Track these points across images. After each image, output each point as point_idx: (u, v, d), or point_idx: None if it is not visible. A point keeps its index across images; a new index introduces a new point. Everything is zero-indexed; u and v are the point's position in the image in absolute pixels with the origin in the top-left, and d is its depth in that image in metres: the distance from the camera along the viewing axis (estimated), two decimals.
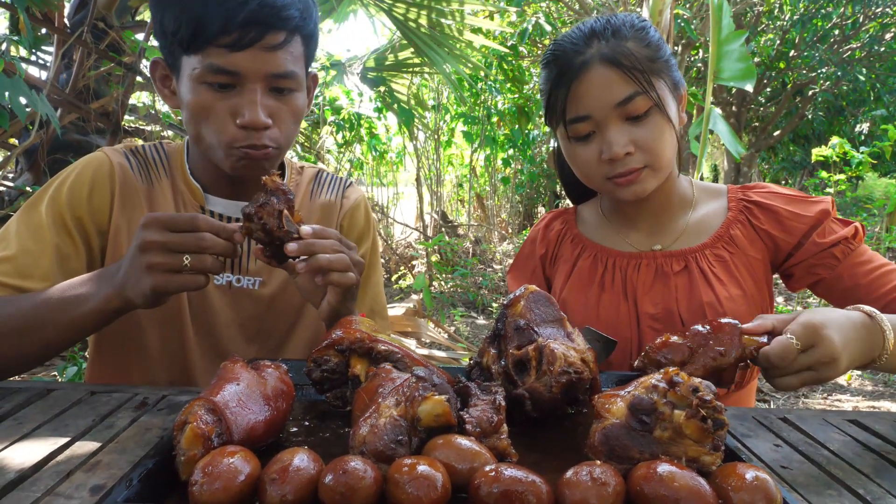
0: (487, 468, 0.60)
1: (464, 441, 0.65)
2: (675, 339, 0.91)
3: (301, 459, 0.60)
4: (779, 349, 0.83)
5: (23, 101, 1.80)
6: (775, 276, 1.24)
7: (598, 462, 0.62)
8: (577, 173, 1.22)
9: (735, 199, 1.23)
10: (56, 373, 2.75)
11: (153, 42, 2.89)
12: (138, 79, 3.09)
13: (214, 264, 0.91)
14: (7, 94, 1.73)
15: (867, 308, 0.90)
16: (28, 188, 2.90)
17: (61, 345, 0.98)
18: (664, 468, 0.59)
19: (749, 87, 2.90)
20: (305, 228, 0.93)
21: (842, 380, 3.95)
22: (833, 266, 1.13)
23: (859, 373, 3.98)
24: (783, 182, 14.06)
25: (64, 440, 0.80)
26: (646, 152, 1.10)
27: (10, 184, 3.09)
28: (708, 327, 0.90)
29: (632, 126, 1.09)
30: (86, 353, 2.71)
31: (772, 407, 3.51)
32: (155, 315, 1.15)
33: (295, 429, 0.82)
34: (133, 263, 0.89)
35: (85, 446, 0.78)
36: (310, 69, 1.16)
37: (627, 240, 1.27)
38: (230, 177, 1.16)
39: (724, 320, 0.90)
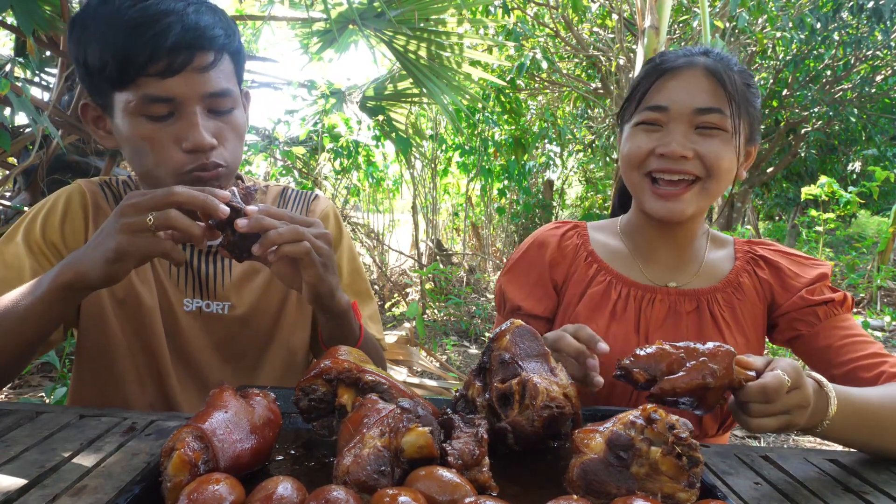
0: (468, 500, 0.61)
1: (445, 473, 0.66)
2: (667, 346, 0.86)
3: (285, 488, 0.62)
4: (775, 383, 0.80)
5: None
6: None
7: (576, 496, 0.63)
8: (622, 165, 1.20)
9: (742, 251, 1.25)
10: (44, 394, 2.74)
11: None
12: None
13: (188, 225, 0.87)
14: (21, 112, 1.78)
15: (816, 376, 0.90)
16: (25, 208, 2.92)
17: (20, 342, 0.94)
18: None
19: None
20: (251, 207, 0.91)
21: None
22: (813, 324, 1.15)
23: None
24: (776, 218, 14.18)
25: (51, 464, 0.80)
26: (704, 164, 1.10)
27: (7, 203, 3.11)
28: (703, 346, 0.85)
29: (699, 137, 1.10)
30: None
31: (762, 445, 3.50)
32: (130, 341, 1.17)
33: (281, 457, 0.83)
34: (104, 231, 0.87)
35: (72, 470, 0.79)
36: (242, 86, 1.16)
37: (644, 272, 1.25)
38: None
39: (719, 344, 0.85)
